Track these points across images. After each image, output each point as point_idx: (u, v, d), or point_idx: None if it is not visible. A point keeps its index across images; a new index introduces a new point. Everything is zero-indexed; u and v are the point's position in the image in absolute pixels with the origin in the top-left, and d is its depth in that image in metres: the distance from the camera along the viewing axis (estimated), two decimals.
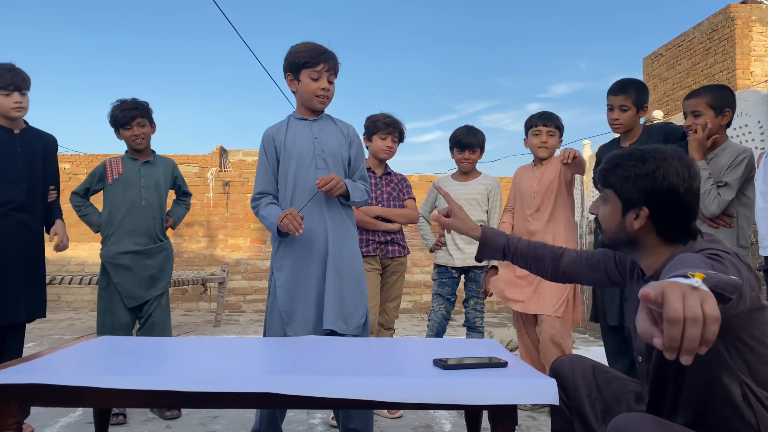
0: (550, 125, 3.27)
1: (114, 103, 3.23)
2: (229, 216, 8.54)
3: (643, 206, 1.47)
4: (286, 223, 2.23)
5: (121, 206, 3.20)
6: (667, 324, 0.90)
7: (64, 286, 7.28)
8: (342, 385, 1.45)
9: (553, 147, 3.32)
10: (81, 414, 3.11)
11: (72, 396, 1.52)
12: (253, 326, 6.84)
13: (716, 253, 1.28)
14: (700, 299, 0.92)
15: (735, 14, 12.05)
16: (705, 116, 2.55)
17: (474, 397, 1.43)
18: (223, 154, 13.45)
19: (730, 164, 2.51)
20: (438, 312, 3.53)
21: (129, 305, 3.16)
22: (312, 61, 2.35)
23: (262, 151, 2.46)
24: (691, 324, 0.89)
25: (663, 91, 14.36)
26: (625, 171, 1.49)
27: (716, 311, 0.91)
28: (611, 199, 1.53)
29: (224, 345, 2.04)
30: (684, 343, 0.90)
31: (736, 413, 1.31)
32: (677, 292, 0.92)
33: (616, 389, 1.62)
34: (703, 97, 2.57)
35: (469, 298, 3.57)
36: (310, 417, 3.11)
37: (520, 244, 1.96)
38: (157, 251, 3.27)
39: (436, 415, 3.17)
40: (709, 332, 0.90)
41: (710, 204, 2.47)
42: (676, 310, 0.90)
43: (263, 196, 2.43)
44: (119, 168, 3.25)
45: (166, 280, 3.31)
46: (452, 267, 3.55)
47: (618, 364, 2.77)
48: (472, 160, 3.53)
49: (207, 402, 1.54)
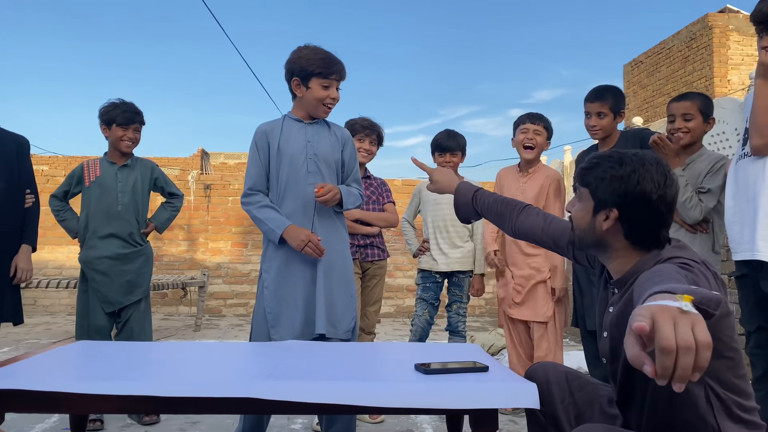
0: (537, 123, 3.27)
1: (114, 100, 3.21)
2: (210, 219, 8.48)
3: (613, 208, 1.47)
4: (309, 252, 2.27)
5: (97, 211, 3.17)
6: (660, 353, 0.89)
7: (41, 290, 7.19)
8: (323, 390, 1.44)
9: (540, 146, 3.28)
10: (57, 420, 3.06)
11: (48, 402, 1.50)
12: (234, 331, 6.80)
13: (686, 262, 1.29)
14: (691, 324, 0.90)
15: (713, 23, 12.26)
16: (696, 120, 2.57)
17: (455, 401, 1.43)
18: (204, 157, 13.36)
19: (708, 171, 2.54)
20: (422, 317, 3.54)
21: (106, 310, 3.13)
22: (325, 72, 2.34)
23: (255, 146, 2.42)
24: (684, 353, 0.88)
25: (643, 98, 14.56)
26: (602, 171, 1.49)
27: (708, 337, 0.90)
28: (585, 198, 1.55)
29: (204, 349, 2.02)
30: (677, 371, 0.88)
31: (699, 416, 1.33)
32: (668, 319, 0.90)
33: (588, 394, 1.63)
34: (695, 101, 2.59)
35: (452, 303, 3.58)
36: (291, 422, 3.09)
37: (488, 200, 1.96)
38: (134, 256, 3.23)
39: (418, 419, 3.17)
40: (702, 359, 0.89)
41: (692, 211, 2.49)
42: (668, 339, 0.88)
43: (255, 193, 2.40)
44: (96, 171, 3.22)
45: (144, 286, 3.27)
46: (436, 272, 3.56)
47: (598, 369, 2.79)
48: (454, 163, 3.53)
49: (186, 407, 1.52)
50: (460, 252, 3.55)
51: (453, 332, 3.57)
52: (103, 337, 3.07)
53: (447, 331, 3.62)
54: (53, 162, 8.76)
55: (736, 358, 1.35)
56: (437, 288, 3.59)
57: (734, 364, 1.34)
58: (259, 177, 2.40)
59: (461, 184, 2.01)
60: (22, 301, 3.08)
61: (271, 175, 2.41)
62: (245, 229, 8.44)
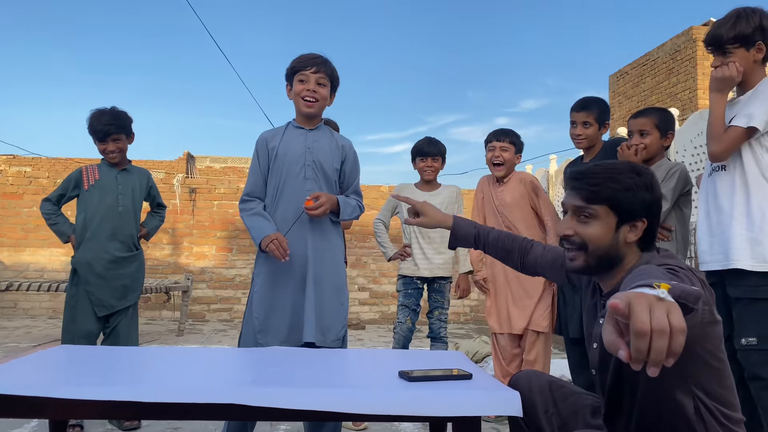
0: (503, 140, 3.30)
1: (93, 111, 3.20)
2: (194, 223, 8.43)
3: (642, 218, 1.47)
4: (272, 249, 2.25)
5: (98, 212, 3.17)
6: (634, 336, 0.90)
7: (22, 293, 7.09)
8: (306, 397, 1.44)
9: (509, 162, 3.31)
10: (36, 425, 3.02)
11: (29, 407, 1.48)
12: (217, 336, 6.75)
13: (672, 268, 1.30)
14: (667, 310, 0.92)
15: (697, 36, 12.44)
16: (652, 135, 2.62)
17: (438, 408, 1.44)
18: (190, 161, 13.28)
19: (663, 178, 2.59)
20: (404, 324, 3.54)
21: (99, 314, 3.10)
22: (300, 66, 2.37)
23: (255, 154, 2.45)
24: (658, 336, 0.90)
25: (628, 109, 14.71)
26: (623, 183, 1.46)
27: (682, 322, 0.92)
28: (602, 215, 1.48)
29: (187, 355, 2.01)
30: (651, 355, 0.90)
31: (688, 427, 1.34)
32: (644, 303, 0.92)
33: (572, 404, 1.63)
34: (651, 117, 2.64)
35: (434, 309, 3.59)
36: (274, 429, 3.08)
37: (491, 236, 1.97)
38: (131, 260, 3.25)
39: (401, 427, 3.16)
40: (676, 344, 0.91)
41: None
42: (643, 323, 0.90)
43: (251, 199, 2.41)
44: (95, 174, 3.23)
45: (138, 291, 3.29)
46: (418, 277, 3.57)
47: (581, 378, 2.81)
48: (435, 168, 3.58)
49: (168, 413, 1.51)
50: (443, 258, 3.57)
51: (435, 339, 3.58)
52: (90, 343, 3.03)
53: (429, 338, 3.62)
54: (36, 163, 8.67)
55: (722, 368, 1.36)
56: (418, 294, 3.61)
57: (720, 374, 1.35)
58: (256, 184, 2.41)
59: (457, 218, 2.00)
60: (3, 304, 3.05)
61: (269, 180, 2.41)
62: (230, 233, 8.40)
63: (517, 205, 3.26)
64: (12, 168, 8.36)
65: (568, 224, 1.52)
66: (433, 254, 3.55)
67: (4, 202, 8.24)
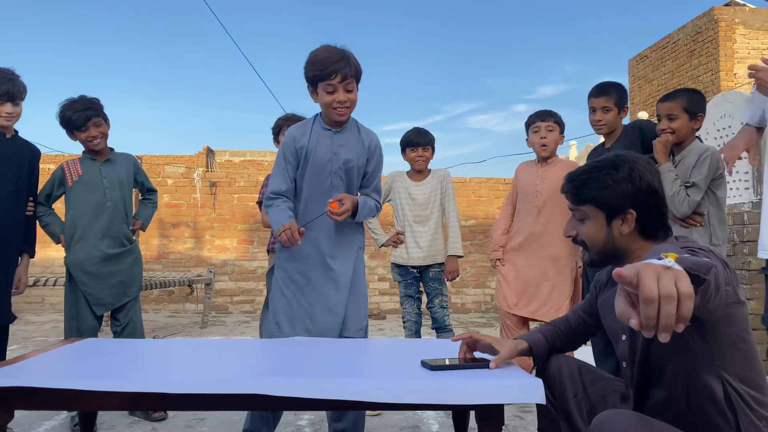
0: (548, 120, 3.30)
1: (63, 103, 3.05)
2: (215, 217, 8.50)
3: (629, 209, 1.50)
4: (284, 239, 2.18)
5: (86, 209, 3.07)
6: (643, 303, 0.92)
7: (49, 288, 7.21)
8: (328, 387, 1.45)
9: (554, 142, 3.32)
10: (65, 418, 3.08)
11: (57, 399, 1.51)
12: (240, 327, 6.82)
13: (692, 248, 1.31)
14: (674, 278, 0.94)
15: (719, 17, 12.19)
16: (680, 119, 2.58)
17: (461, 396, 1.44)
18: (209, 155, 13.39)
19: (694, 164, 2.55)
20: (412, 313, 3.57)
21: (98, 313, 3.08)
22: (324, 74, 2.20)
23: (282, 151, 2.36)
24: (666, 302, 0.92)
25: (648, 93, 14.50)
26: (600, 181, 1.52)
27: (690, 288, 0.94)
28: (591, 214, 1.55)
29: (211, 346, 2.03)
30: (660, 320, 0.92)
31: (718, 411, 1.33)
32: (651, 272, 0.94)
33: (601, 389, 1.63)
34: (679, 100, 2.60)
35: (434, 297, 3.56)
36: (297, 418, 3.10)
37: (554, 338, 1.80)
38: (125, 256, 3.16)
39: (424, 415, 3.17)
40: (684, 309, 0.93)
41: (680, 205, 2.51)
42: (650, 290, 0.92)
43: (276, 197, 2.34)
44: (78, 170, 3.10)
45: (137, 285, 3.22)
46: (412, 266, 3.57)
47: (605, 365, 2.80)
48: (426, 157, 3.58)
49: (193, 404, 1.53)
50: (435, 245, 3.57)
51: (440, 329, 3.54)
52: (93, 336, 3.03)
53: (434, 329, 3.58)
54: (60, 161, 8.80)
55: (750, 351, 1.35)
56: (417, 281, 3.62)
57: (748, 356, 1.35)
58: (284, 182, 2.34)
59: (530, 342, 1.76)
60: (31, 299, 3.10)
61: (297, 181, 2.36)
62: (251, 226, 8.46)
63: (556, 189, 3.26)
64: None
65: (571, 225, 1.62)
66: (427, 243, 3.54)
67: None
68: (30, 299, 7.96)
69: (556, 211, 3.24)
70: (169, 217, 8.39)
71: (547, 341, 1.77)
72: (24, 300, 7.86)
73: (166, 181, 8.39)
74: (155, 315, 7.82)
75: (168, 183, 8.39)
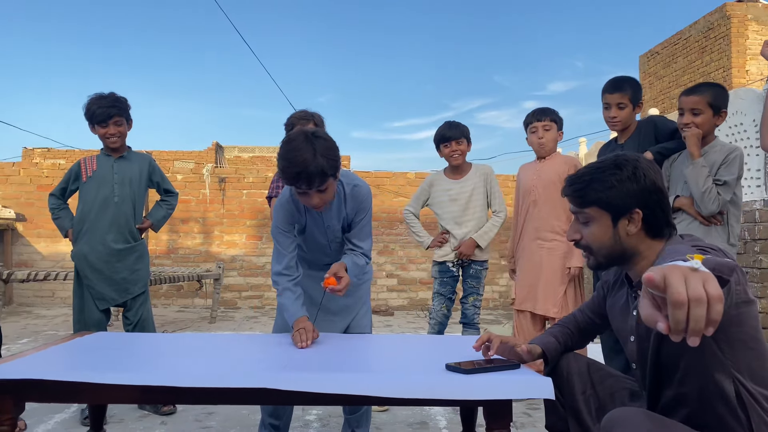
0: (544, 119, 3.30)
1: (91, 97, 3.11)
2: (224, 212, 8.52)
3: (635, 209, 1.48)
4: (296, 339, 1.99)
5: (94, 203, 3.12)
6: (672, 307, 0.90)
7: (59, 282, 7.26)
8: (336, 382, 1.45)
9: (552, 140, 3.32)
10: (75, 410, 3.10)
11: (67, 392, 1.52)
12: (249, 323, 6.84)
13: (702, 248, 1.30)
14: (702, 280, 0.92)
15: (731, 13, 12.08)
16: (704, 115, 2.53)
17: (468, 392, 1.44)
18: (218, 151, 13.41)
19: (723, 162, 2.51)
20: (440, 311, 3.54)
21: (100, 307, 3.11)
22: (291, 182, 1.98)
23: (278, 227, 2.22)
24: (696, 305, 0.89)
25: (659, 89, 14.39)
26: (605, 182, 1.49)
27: (719, 291, 0.91)
28: (595, 216, 1.52)
29: (220, 341, 2.04)
30: (690, 324, 0.90)
31: (729, 410, 1.32)
32: (679, 275, 0.92)
33: (610, 386, 1.62)
34: (705, 95, 2.53)
35: (469, 295, 3.55)
36: (306, 413, 3.11)
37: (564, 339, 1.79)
38: (128, 253, 3.17)
39: (431, 411, 3.17)
40: (714, 312, 0.90)
41: (710, 203, 2.46)
42: (680, 293, 0.90)
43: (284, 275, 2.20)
44: (93, 165, 3.17)
45: (142, 282, 3.23)
46: (453, 265, 3.55)
47: (614, 362, 2.78)
48: (461, 151, 3.50)
49: (203, 398, 1.54)
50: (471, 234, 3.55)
51: (468, 324, 3.55)
52: (100, 330, 3.06)
53: (461, 323, 3.61)
54: (71, 156, 8.85)
55: (761, 349, 1.34)
56: (454, 282, 3.58)
57: (760, 355, 1.34)
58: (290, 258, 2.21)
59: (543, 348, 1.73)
60: (41, 293, 3.14)
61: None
62: (259, 221, 8.48)
63: (553, 184, 3.25)
64: (47, 161, 8.56)
65: (575, 228, 1.59)
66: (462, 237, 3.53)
67: (40, 194, 8.43)
68: (40, 293, 8.02)
69: (553, 203, 3.26)
70: (178, 212, 8.42)
71: (559, 343, 1.76)
72: (35, 294, 7.93)
73: (176, 177, 8.42)
74: (164, 310, 7.86)
75: (177, 179, 8.42)
